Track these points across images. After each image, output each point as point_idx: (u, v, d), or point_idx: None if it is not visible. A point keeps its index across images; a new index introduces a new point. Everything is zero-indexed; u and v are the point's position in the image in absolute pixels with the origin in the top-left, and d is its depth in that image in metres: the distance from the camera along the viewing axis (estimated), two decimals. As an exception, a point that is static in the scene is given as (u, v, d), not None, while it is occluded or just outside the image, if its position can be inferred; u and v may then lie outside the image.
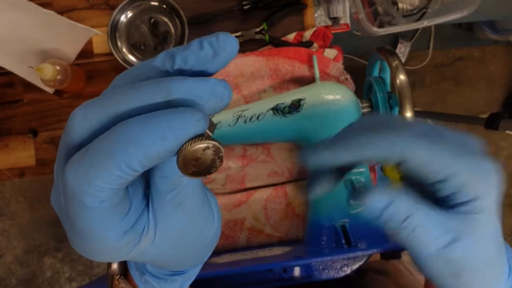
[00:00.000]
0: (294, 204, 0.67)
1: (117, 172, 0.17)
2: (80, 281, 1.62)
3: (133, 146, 0.16)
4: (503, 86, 1.62)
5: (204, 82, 0.18)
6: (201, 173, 0.18)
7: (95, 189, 0.17)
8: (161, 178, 0.20)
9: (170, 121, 0.17)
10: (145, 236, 0.21)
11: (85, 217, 0.18)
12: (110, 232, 0.19)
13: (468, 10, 0.60)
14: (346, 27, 0.72)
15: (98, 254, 0.21)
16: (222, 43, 0.19)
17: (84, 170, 0.17)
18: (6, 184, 1.61)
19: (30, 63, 0.70)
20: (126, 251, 0.21)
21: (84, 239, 0.20)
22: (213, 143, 0.18)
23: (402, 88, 0.54)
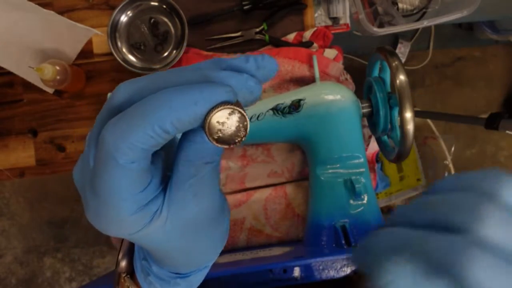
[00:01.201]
0: (294, 204, 0.67)
1: (150, 132, 0.18)
2: (80, 281, 1.62)
3: (166, 108, 0.18)
4: (503, 86, 1.62)
5: (238, 75, 0.20)
6: (226, 140, 0.19)
7: (128, 146, 0.19)
8: (184, 161, 0.21)
9: (202, 89, 0.19)
10: (157, 218, 0.22)
11: (113, 176, 0.19)
12: (127, 202, 0.20)
13: (468, 10, 0.60)
14: (346, 27, 0.72)
15: (109, 224, 0.21)
16: (265, 61, 0.21)
17: (121, 128, 0.19)
18: (6, 184, 1.61)
19: (30, 63, 0.70)
20: (135, 228, 0.22)
21: (101, 204, 0.21)
22: (239, 109, 0.19)
23: (402, 88, 0.54)
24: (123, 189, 0.20)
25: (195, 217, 0.23)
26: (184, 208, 0.22)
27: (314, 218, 0.60)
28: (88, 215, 0.22)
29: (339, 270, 0.54)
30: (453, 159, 1.54)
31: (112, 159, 0.19)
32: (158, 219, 0.22)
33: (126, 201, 0.20)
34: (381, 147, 0.66)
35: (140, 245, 0.25)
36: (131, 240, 0.24)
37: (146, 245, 0.24)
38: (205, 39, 0.71)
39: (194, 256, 0.26)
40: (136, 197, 0.21)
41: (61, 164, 0.73)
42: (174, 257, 0.26)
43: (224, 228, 0.26)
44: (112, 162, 0.19)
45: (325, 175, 0.59)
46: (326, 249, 0.56)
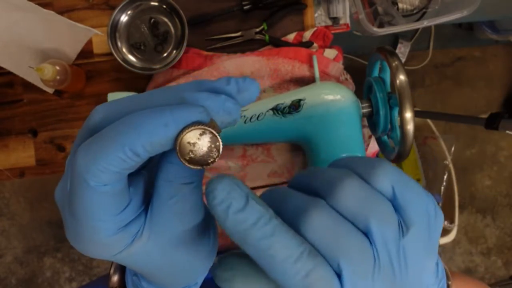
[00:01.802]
0: (294, 204, 0.67)
1: (121, 155, 0.18)
2: (80, 281, 1.62)
3: (137, 130, 0.18)
4: (503, 86, 1.62)
5: (215, 96, 0.20)
6: (197, 161, 0.19)
7: (99, 169, 0.18)
8: (165, 182, 0.21)
9: (173, 111, 0.19)
10: (138, 238, 0.22)
11: (86, 199, 0.19)
12: (106, 223, 0.20)
13: (468, 10, 0.60)
14: (346, 27, 0.72)
15: (89, 246, 0.21)
16: (247, 84, 0.21)
17: (92, 151, 0.19)
18: (6, 184, 1.61)
19: (30, 63, 0.70)
20: (116, 250, 0.21)
21: (80, 226, 0.20)
22: (210, 129, 0.19)
23: (402, 88, 0.54)
24: (98, 211, 0.20)
25: (177, 237, 0.23)
26: (166, 228, 0.22)
27: (314, 218, 0.60)
28: (68, 236, 0.22)
29: (339, 270, 0.54)
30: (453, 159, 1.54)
31: (84, 182, 0.19)
32: (140, 239, 0.22)
33: (104, 222, 0.20)
34: (381, 147, 0.66)
35: (123, 264, 0.24)
36: (114, 261, 0.23)
37: (129, 265, 0.24)
38: (205, 39, 0.71)
39: (181, 275, 0.26)
40: (115, 218, 0.20)
41: (61, 164, 0.73)
42: (160, 276, 0.25)
43: (210, 245, 0.25)
44: (84, 185, 0.19)
45: (325, 175, 0.59)
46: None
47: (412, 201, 0.20)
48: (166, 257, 0.23)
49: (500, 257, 1.64)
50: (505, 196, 1.64)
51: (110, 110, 0.20)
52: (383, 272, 0.18)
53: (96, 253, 0.22)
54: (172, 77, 0.70)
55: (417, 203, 0.20)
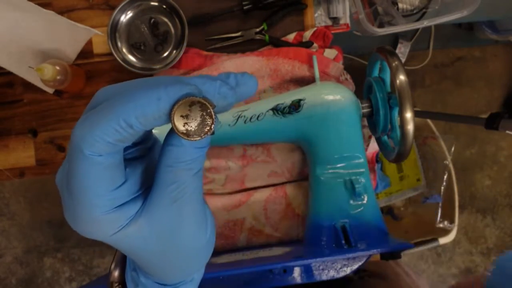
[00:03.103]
0: (294, 204, 0.67)
1: (115, 125, 0.19)
2: (80, 281, 1.62)
3: (131, 103, 0.19)
4: (503, 86, 1.62)
5: (211, 80, 0.21)
6: (194, 132, 0.20)
7: (94, 138, 0.19)
8: (165, 167, 0.22)
9: (166, 87, 0.20)
10: (134, 222, 0.22)
11: (82, 170, 0.20)
12: (100, 199, 0.21)
13: (468, 10, 0.60)
14: (346, 27, 0.72)
15: (85, 224, 0.22)
16: (245, 79, 0.22)
17: (89, 122, 0.20)
18: (6, 184, 1.61)
19: (30, 63, 0.70)
20: (112, 230, 0.22)
21: (77, 204, 0.21)
22: (198, 99, 0.20)
23: (402, 88, 0.54)
24: (94, 184, 0.20)
25: (173, 224, 0.23)
26: (163, 214, 0.22)
27: (314, 218, 0.60)
28: (67, 217, 0.22)
29: (339, 270, 0.54)
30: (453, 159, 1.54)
31: (79, 152, 0.20)
32: (136, 223, 0.22)
33: (99, 197, 0.21)
34: (381, 147, 0.66)
35: (119, 249, 0.24)
36: (110, 243, 0.23)
37: (125, 250, 0.24)
38: (205, 39, 0.71)
39: (176, 265, 0.26)
40: (109, 194, 0.21)
41: (61, 164, 0.73)
42: (155, 265, 0.25)
43: (206, 238, 0.25)
44: (79, 155, 0.20)
45: (325, 175, 0.59)
46: (326, 249, 0.56)
47: None
48: (162, 245, 0.23)
49: (500, 257, 1.64)
50: (505, 196, 1.64)
51: (109, 91, 0.21)
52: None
53: (93, 233, 0.22)
54: (172, 77, 0.70)
55: None
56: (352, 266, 0.54)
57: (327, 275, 0.53)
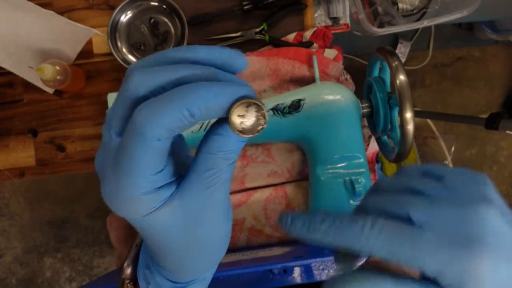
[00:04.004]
0: (294, 204, 0.67)
1: (179, 114, 0.21)
2: (80, 281, 1.62)
3: (196, 95, 0.21)
4: (503, 86, 1.62)
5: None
6: (249, 130, 0.22)
7: (157, 123, 0.21)
8: (206, 154, 0.23)
9: (226, 85, 0.22)
10: (167, 204, 0.24)
11: (138, 150, 0.22)
12: (143, 180, 0.23)
13: (468, 10, 0.60)
14: (346, 27, 0.72)
15: (124, 202, 0.24)
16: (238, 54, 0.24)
17: (153, 108, 0.21)
18: (6, 184, 1.61)
19: (30, 63, 0.70)
20: (146, 209, 0.24)
21: (120, 180, 0.23)
22: (254, 101, 0.22)
23: (402, 88, 0.54)
24: (143, 164, 0.22)
25: (202, 209, 0.24)
26: (195, 198, 0.24)
27: (314, 218, 0.60)
28: (104, 195, 0.24)
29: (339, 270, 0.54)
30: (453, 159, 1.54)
31: (140, 134, 0.21)
32: (169, 205, 0.24)
33: (142, 178, 0.22)
34: (381, 147, 0.66)
35: (147, 234, 0.26)
36: (140, 228, 0.25)
37: (152, 234, 0.25)
38: (205, 39, 0.71)
39: (196, 255, 0.27)
40: (152, 177, 0.23)
41: (61, 164, 0.73)
42: (176, 252, 0.26)
43: (226, 230, 0.27)
44: (139, 137, 0.21)
45: (325, 175, 0.59)
46: (326, 249, 0.56)
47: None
48: (188, 229, 0.25)
49: (500, 257, 1.64)
50: (505, 196, 1.64)
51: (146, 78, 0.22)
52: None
53: (129, 211, 0.24)
54: (172, 77, 0.70)
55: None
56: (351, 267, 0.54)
57: (327, 275, 0.53)
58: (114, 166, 0.23)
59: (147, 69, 0.23)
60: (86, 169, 0.73)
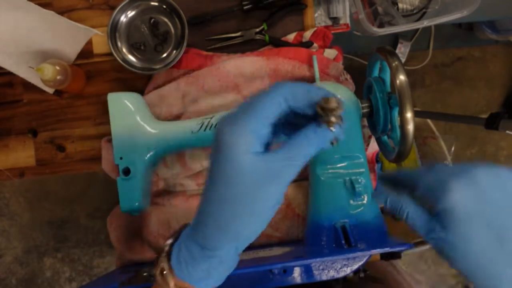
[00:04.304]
0: (294, 204, 0.67)
1: (303, 89, 0.31)
2: (80, 281, 1.62)
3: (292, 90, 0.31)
4: (503, 86, 1.62)
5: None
6: (331, 124, 0.30)
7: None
8: (303, 138, 0.31)
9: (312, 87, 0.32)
10: (258, 155, 0.30)
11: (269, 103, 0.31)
12: (260, 122, 0.30)
13: (468, 10, 0.60)
14: (346, 27, 0.72)
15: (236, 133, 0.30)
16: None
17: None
18: (6, 184, 1.61)
19: (30, 63, 0.70)
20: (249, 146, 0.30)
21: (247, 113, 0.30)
22: (335, 97, 0.30)
23: (402, 88, 0.54)
24: (265, 111, 0.30)
25: (274, 177, 0.30)
26: (277, 162, 0.30)
27: (314, 218, 0.60)
28: (225, 127, 0.30)
29: (339, 270, 0.54)
30: (453, 159, 1.54)
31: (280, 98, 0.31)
32: (260, 156, 0.30)
33: (260, 120, 0.30)
34: (381, 147, 0.66)
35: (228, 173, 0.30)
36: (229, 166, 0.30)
37: (236, 172, 0.30)
38: (205, 39, 0.71)
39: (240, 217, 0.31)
40: (263, 125, 0.30)
41: (61, 164, 0.73)
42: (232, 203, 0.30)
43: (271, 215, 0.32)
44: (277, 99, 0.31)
45: (325, 175, 0.59)
46: (326, 249, 0.56)
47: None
48: (258, 184, 0.30)
49: (500, 257, 1.64)
50: (505, 196, 1.64)
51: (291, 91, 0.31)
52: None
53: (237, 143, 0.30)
54: (172, 77, 0.70)
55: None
56: (352, 266, 0.54)
57: (327, 275, 0.53)
58: (247, 106, 0.30)
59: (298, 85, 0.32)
60: (86, 169, 0.73)
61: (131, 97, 0.63)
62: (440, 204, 0.32)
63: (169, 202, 0.68)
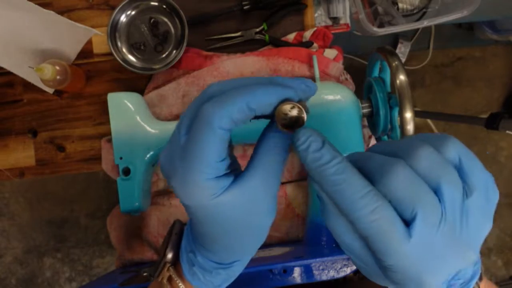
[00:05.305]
0: (294, 204, 0.67)
1: (241, 106, 0.25)
2: (80, 281, 1.62)
3: (253, 93, 0.26)
4: (503, 86, 1.62)
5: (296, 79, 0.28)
6: (288, 125, 0.27)
7: (224, 114, 0.25)
8: (265, 149, 0.28)
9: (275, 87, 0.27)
10: (229, 191, 0.27)
11: (205, 138, 0.25)
12: (209, 168, 0.26)
13: (468, 10, 0.60)
14: (346, 27, 0.72)
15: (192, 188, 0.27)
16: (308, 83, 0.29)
17: (220, 101, 0.26)
18: (6, 184, 1.61)
19: (30, 63, 0.70)
20: (210, 195, 0.27)
21: (188, 171, 0.26)
22: (297, 104, 0.27)
23: (402, 88, 0.54)
24: (209, 151, 0.26)
25: (259, 199, 0.28)
26: (254, 189, 0.28)
27: (314, 218, 0.60)
28: (175, 184, 0.27)
29: (339, 270, 0.54)
30: (453, 159, 1.53)
31: (208, 124, 0.25)
32: (230, 193, 0.27)
33: (208, 165, 0.26)
34: (381, 147, 0.66)
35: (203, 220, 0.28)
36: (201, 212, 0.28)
37: (211, 217, 0.28)
38: (205, 39, 0.71)
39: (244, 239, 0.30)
40: (216, 164, 0.26)
41: (61, 164, 0.73)
42: (228, 236, 0.29)
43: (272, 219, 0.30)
44: (207, 126, 0.25)
45: (325, 175, 0.59)
46: (326, 249, 0.56)
47: (475, 170, 0.24)
48: (243, 217, 0.28)
49: (500, 257, 1.64)
50: (505, 196, 1.64)
51: (222, 85, 0.28)
52: (447, 226, 0.23)
53: (194, 196, 0.27)
54: (172, 77, 0.70)
55: (479, 174, 0.24)
56: (352, 266, 0.54)
57: (327, 275, 0.53)
58: (182, 156, 0.27)
59: (225, 81, 0.28)
60: (86, 169, 0.73)
61: (131, 97, 0.63)
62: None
63: (169, 202, 0.68)
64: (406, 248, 0.22)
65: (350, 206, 0.23)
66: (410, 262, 0.23)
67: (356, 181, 0.23)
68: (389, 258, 0.23)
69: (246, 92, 0.26)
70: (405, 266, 0.23)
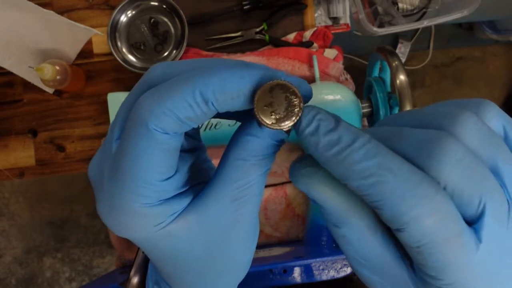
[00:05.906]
0: (294, 204, 0.67)
1: (189, 98, 0.17)
2: (80, 281, 1.62)
3: (211, 75, 0.17)
4: (503, 86, 1.62)
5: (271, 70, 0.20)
6: (284, 118, 0.18)
7: (164, 111, 0.17)
8: (236, 160, 0.19)
9: (249, 68, 0.18)
10: (182, 218, 0.19)
11: (139, 147, 0.17)
12: (148, 188, 0.18)
13: (468, 10, 0.60)
14: (346, 27, 0.72)
15: (124, 217, 0.19)
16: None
17: (159, 93, 0.17)
18: (5, 184, 1.61)
19: (30, 63, 0.70)
20: (153, 226, 0.19)
21: (119, 192, 0.18)
22: (276, 81, 0.17)
23: (402, 88, 0.54)
24: (146, 165, 0.18)
25: (226, 226, 0.20)
26: (219, 214, 0.19)
27: (314, 218, 0.60)
28: (102, 209, 0.19)
29: (339, 270, 0.54)
30: (453, 159, 1.53)
31: (143, 125, 0.17)
32: (184, 220, 0.19)
33: (147, 185, 0.18)
34: (381, 147, 0.66)
35: (155, 254, 0.21)
36: (146, 249, 0.21)
37: (162, 253, 0.20)
38: (205, 39, 0.71)
39: (213, 280, 0.22)
40: (160, 184, 0.18)
41: (61, 164, 0.73)
42: (190, 277, 0.22)
43: (251, 251, 0.22)
44: (141, 129, 0.17)
45: (325, 175, 0.59)
46: (326, 249, 0.56)
47: None
48: (207, 249, 0.20)
49: None
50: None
51: (170, 67, 0.19)
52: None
53: (130, 228, 0.19)
54: (172, 77, 0.70)
55: None
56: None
57: (327, 275, 0.53)
58: (112, 170, 0.18)
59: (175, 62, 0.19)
60: (86, 169, 0.73)
61: (131, 97, 0.63)
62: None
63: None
64: (475, 258, 0.15)
65: (397, 206, 0.15)
66: (476, 276, 0.16)
67: (401, 165, 0.15)
68: (449, 274, 0.15)
69: (199, 77, 0.17)
70: (469, 283, 0.16)
